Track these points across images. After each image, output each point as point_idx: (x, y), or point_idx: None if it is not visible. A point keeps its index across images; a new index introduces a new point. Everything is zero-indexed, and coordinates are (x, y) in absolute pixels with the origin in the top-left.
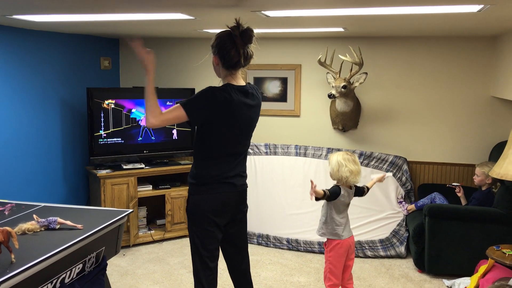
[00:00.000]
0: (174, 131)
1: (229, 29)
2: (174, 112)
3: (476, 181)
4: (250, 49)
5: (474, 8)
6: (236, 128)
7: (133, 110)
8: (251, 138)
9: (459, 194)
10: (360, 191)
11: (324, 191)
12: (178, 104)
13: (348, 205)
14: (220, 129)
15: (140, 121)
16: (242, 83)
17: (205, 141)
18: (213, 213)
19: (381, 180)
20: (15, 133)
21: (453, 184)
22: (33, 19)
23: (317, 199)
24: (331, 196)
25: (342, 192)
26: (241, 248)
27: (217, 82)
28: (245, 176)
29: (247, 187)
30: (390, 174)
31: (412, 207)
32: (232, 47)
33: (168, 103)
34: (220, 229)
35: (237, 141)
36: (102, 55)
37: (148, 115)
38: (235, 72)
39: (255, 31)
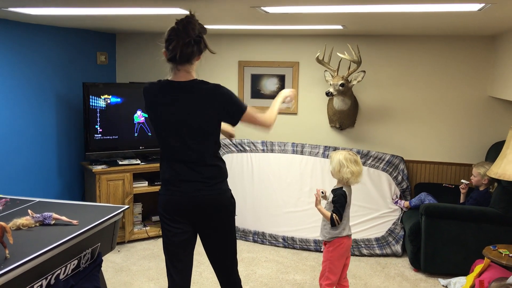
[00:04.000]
0: None
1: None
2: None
3: (473, 182)
4: (200, 45)
5: (475, 7)
6: None
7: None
8: None
9: (463, 191)
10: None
11: (332, 217)
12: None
13: (349, 204)
14: None
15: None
16: (180, 80)
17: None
18: None
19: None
20: (9, 127)
21: (462, 181)
22: (29, 12)
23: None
24: (341, 211)
25: (347, 198)
26: None
27: (213, 77)
28: None
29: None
30: None
31: (407, 204)
32: (173, 40)
33: None
34: None
35: None
36: (98, 50)
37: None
38: (180, 67)
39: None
